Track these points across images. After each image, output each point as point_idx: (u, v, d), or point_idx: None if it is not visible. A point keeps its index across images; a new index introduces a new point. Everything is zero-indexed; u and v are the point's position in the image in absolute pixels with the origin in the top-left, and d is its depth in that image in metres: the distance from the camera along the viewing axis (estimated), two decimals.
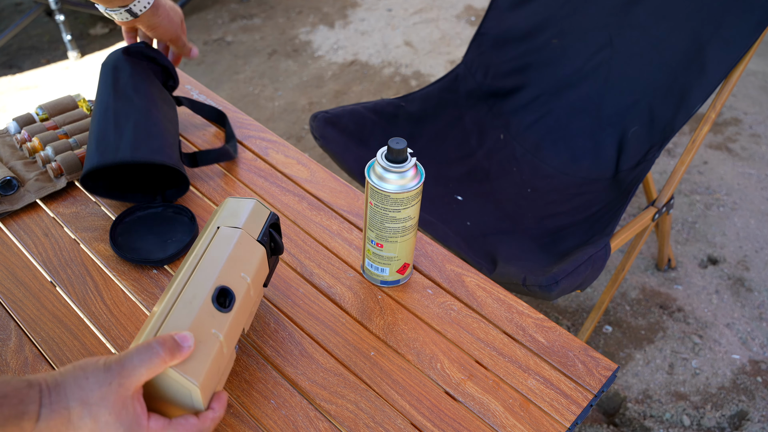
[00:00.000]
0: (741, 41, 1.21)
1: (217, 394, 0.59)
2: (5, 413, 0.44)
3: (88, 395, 0.48)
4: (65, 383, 0.48)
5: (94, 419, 0.48)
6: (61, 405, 0.47)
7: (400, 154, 0.69)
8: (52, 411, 0.47)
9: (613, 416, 1.44)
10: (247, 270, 0.65)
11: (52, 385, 0.48)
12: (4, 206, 0.86)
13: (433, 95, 1.50)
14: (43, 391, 0.47)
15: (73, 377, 0.49)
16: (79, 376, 0.49)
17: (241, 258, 0.65)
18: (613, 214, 1.23)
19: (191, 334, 0.55)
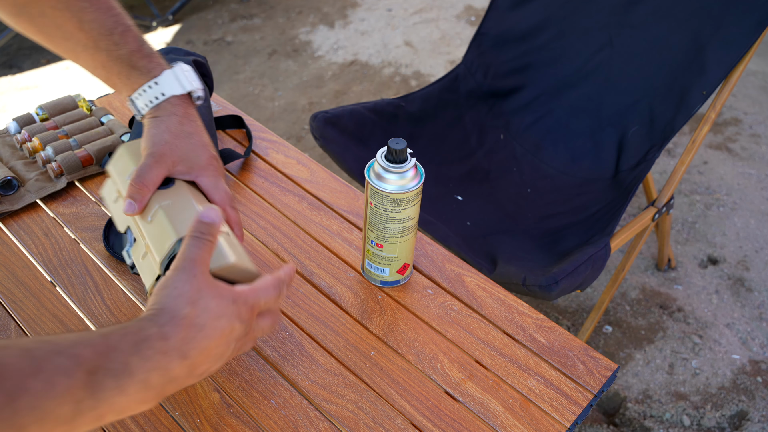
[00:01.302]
0: (741, 41, 1.21)
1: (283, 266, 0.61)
2: (132, 339, 0.46)
3: (190, 296, 0.50)
4: (165, 304, 0.50)
5: (206, 310, 0.50)
6: (177, 318, 0.49)
7: (399, 155, 0.69)
8: (175, 326, 0.48)
9: (613, 416, 1.44)
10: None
11: (157, 312, 0.49)
12: (4, 206, 0.86)
13: (433, 95, 1.50)
14: (153, 318, 0.49)
15: (166, 296, 0.50)
16: (171, 292, 0.51)
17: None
18: (613, 214, 1.23)
19: (213, 209, 0.56)
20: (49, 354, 0.42)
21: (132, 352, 0.46)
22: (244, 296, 0.54)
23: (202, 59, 1.01)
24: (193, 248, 0.53)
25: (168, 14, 2.77)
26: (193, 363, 0.49)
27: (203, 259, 0.53)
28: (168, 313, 0.49)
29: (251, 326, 0.55)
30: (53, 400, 0.41)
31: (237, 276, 0.58)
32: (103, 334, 0.46)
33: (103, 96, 1.12)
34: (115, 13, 0.65)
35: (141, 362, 0.46)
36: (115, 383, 0.44)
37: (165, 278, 0.52)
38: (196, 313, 0.50)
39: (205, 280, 0.52)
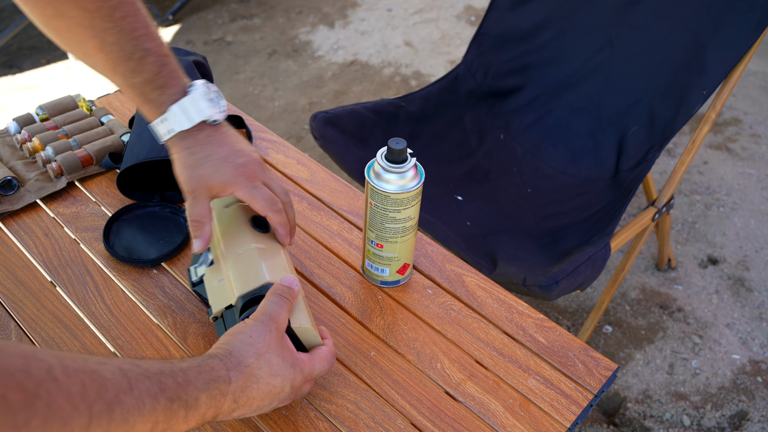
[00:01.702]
0: (741, 41, 1.21)
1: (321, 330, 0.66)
2: (206, 378, 0.52)
3: (258, 348, 0.56)
4: (235, 348, 0.56)
5: (268, 365, 0.57)
6: (242, 365, 0.55)
7: (400, 155, 0.69)
8: (239, 372, 0.55)
9: (613, 416, 1.44)
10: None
11: (226, 354, 0.55)
12: (4, 206, 0.86)
13: (433, 95, 1.50)
14: (224, 359, 0.55)
15: (239, 341, 0.57)
16: (244, 339, 0.57)
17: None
18: (613, 214, 1.23)
19: (294, 278, 0.64)
20: (140, 377, 0.47)
21: (203, 389, 0.51)
22: (302, 364, 0.60)
23: (202, 59, 1.01)
24: (274, 305, 0.60)
25: (168, 14, 2.77)
26: (238, 407, 0.55)
27: (281, 317, 0.60)
28: (236, 358, 0.55)
29: (299, 392, 0.62)
30: (140, 417, 0.45)
31: (304, 338, 0.63)
32: (183, 369, 0.51)
33: (103, 96, 1.12)
34: (137, 35, 0.63)
35: (207, 399, 0.51)
36: (184, 413, 0.49)
37: (243, 325, 0.58)
38: (258, 365, 0.56)
39: (276, 338, 0.58)
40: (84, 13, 0.61)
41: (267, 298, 0.61)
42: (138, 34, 0.63)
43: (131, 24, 0.63)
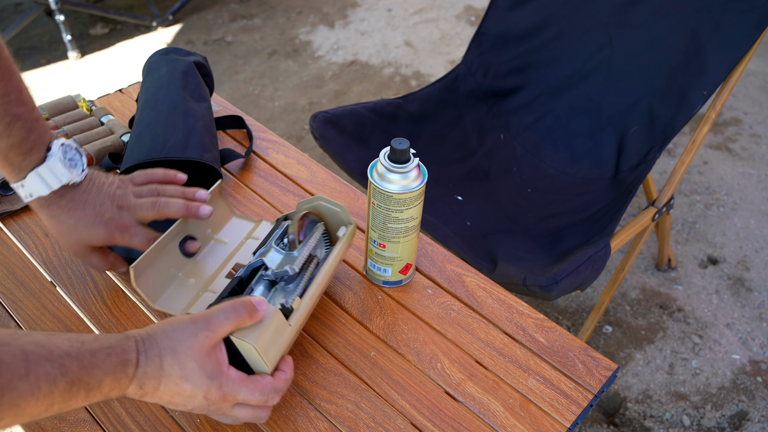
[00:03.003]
0: (741, 41, 1.21)
1: (284, 359, 0.63)
2: (113, 360, 0.51)
3: (177, 345, 0.54)
4: (156, 335, 0.54)
5: (181, 366, 0.54)
6: (154, 353, 0.53)
7: (402, 155, 0.69)
8: (147, 359, 0.53)
9: (613, 416, 1.44)
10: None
11: (146, 337, 0.54)
12: (4, 206, 0.86)
13: (433, 95, 1.50)
14: (139, 342, 0.53)
15: (162, 330, 0.55)
16: (168, 330, 0.55)
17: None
18: (614, 215, 1.23)
19: (265, 300, 0.61)
20: (41, 359, 0.46)
21: (109, 371, 0.50)
22: (223, 380, 0.56)
23: (202, 59, 1.01)
24: (220, 313, 0.57)
25: (168, 14, 2.77)
26: (145, 393, 0.54)
27: (220, 327, 0.57)
28: (152, 345, 0.54)
29: (220, 408, 0.58)
30: (33, 401, 0.45)
31: (247, 356, 0.60)
32: (92, 351, 0.50)
33: (103, 96, 1.12)
34: (8, 100, 0.63)
35: (111, 382, 0.51)
36: (85, 394, 0.49)
37: (180, 318, 0.57)
38: (170, 363, 0.54)
39: (203, 344, 0.55)
40: None
41: (222, 304, 0.58)
42: (9, 99, 0.63)
43: (3, 88, 0.63)
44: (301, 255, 0.70)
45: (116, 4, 2.93)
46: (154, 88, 0.93)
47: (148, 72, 0.97)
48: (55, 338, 0.49)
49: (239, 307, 0.58)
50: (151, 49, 2.61)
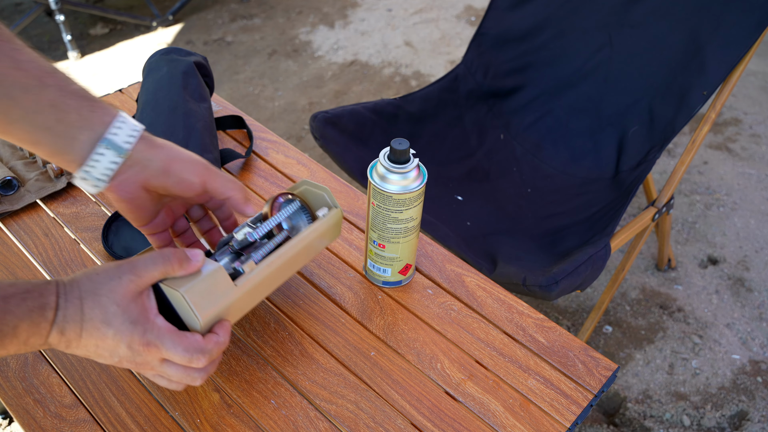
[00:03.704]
0: (741, 41, 1.21)
1: (221, 323, 0.60)
2: (29, 305, 0.49)
3: (98, 287, 0.52)
4: (78, 279, 0.52)
5: (102, 310, 0.52)
6: (74, 296, 0.51)
7: (402, 155, 0.69)
8: (67, 302, 0.51)
9: (613, 416, 1.44)
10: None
11: (68, 281, 0.52)
12: (4, 206, 0.86)
13: (433, 95, 1.50)
14: (59, 286, 0.51)
15: (85, 274, 0.53)
16: (91, 272, 0.53)
17: None
18: (614, 215, 1.23)
19: (202, 253, 0.58)
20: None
21: (24, 317, 0.49)
22: (148, 326, 0.53)
23: (202, 59, 1.01)
24: (147, 260, 0.54)
25: (168, 14, 2.77)
26: (69, 342, 0.51)
27: (147, 272, 0.54)
28: (74, 288, 0.52)
29: (147, 361, 0.55)
30: None
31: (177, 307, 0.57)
32: (5, 297, 0.48)
33: (103, 96, 1.12)
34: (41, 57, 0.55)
35: (29, 328, 0.49)
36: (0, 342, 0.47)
37: (107, 264, 0.54)
38: (90, 305, 0.51)
39: (127, 289, 0.53)
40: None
41: (152, 254, 0.55)
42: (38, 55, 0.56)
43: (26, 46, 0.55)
44: (266, 224, 0.68)
45: (116, 4, 2.93)
46: (154, 88, 0.93)
47: (148, 72, 0.97)
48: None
49: (168, 255, 0.55)
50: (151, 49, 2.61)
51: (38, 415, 0.65)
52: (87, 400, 0.67)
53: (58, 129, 0.54)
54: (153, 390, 0.68)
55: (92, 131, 0.55)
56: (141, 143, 0.57)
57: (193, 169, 0.60)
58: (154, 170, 0.58)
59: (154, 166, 0.58)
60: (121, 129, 0.56)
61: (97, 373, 0.69)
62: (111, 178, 0.57)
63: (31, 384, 0.68)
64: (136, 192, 0.59)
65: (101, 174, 0.56)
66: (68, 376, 0.69)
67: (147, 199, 0.61)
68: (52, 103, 0.54)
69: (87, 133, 0.55)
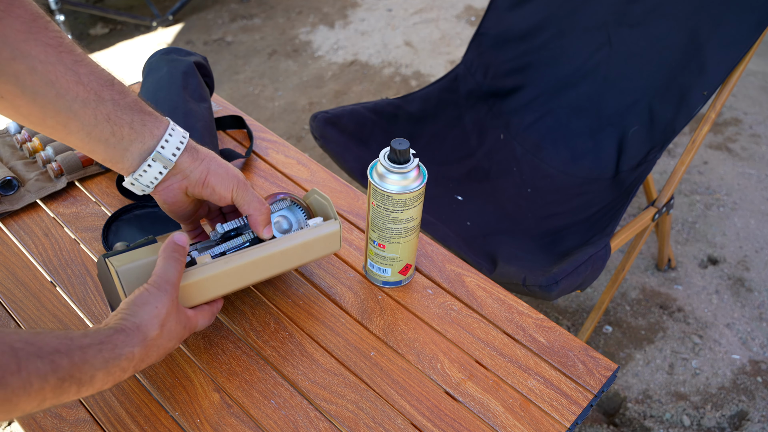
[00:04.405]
0: (741, 41, 1.21)
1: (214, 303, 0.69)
2: (106, 356, 0.52)
3: (162, 319, 0.58)
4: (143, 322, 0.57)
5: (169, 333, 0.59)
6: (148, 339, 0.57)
7: (402, 155, 0.69)
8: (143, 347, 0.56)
9: (613, 416, 1.44)
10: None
11: (135, 328, 0.56)
12: (4, 206, 0.86)
13: (433, 95, 1.50)
14: (130, 334, 0.55)
15: (147, 314, 0.57)
16: (150, 310, 0.58)
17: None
18: (614, 215, 1.23)
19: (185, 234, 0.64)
20: (32, 356, 0.47)
21: (101, 366, 0.52)
22: (190, 323, 0.63)
23: (202, 59, 1.01)
24: (170, 269, 0.60)
25: (168, 14, 2.77)
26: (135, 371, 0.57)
27: (177, 280, 0.61)
28: (142, 332, 0.56)
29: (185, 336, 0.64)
30: (25, 396, 0.46)
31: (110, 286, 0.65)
32: (83, 347, 0.51)
33: None
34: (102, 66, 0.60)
35: (104, 376, 0.53)
36: (77, 389, 0.50)
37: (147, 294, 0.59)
38: (161, 335, 0.58)
39: (175, 304, 0.60)
40: (49, 50, 0.56)
41: (162, 261, 0.61)
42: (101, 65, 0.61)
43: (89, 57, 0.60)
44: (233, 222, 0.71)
45: (116, 4, 2.93)
46: (155, 88, 0.93)
47: (148, 72, 0.97)
48: (43, 336, 0.49)
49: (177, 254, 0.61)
50: (151, 49, 2.61)
51: (38, 415, 0.65)
52: (87, 400, 0.67)
53: (112, 141, 0.61)
54: (153, 390, 0.68)
55: (143, 144, 0.62)
56: (185, 155, 0.64)
57: (227, 184, 0.66)
58: (194, 181, 0.65)
59: (194, 177, 0.65)
60: (168, 143, 0.63)
61: None
62: (156, 186, 0.65)
63: None
64: (178, 196, 0.67)
65: (149, 182, 0.64)
66: None
67: (188, 202, 0.68)
68: (107, 118, 0.59)
69: (138, 146, 0.62)
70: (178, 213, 0.70)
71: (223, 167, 0.67)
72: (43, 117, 0.58)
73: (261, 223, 0.68)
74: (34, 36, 0.55)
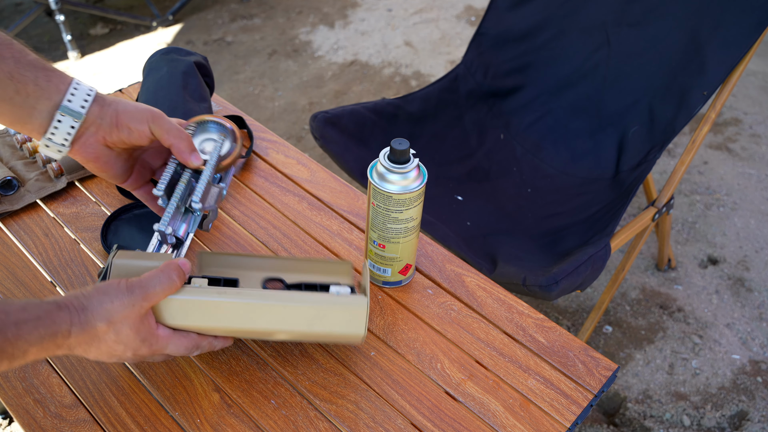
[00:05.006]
0: (741, 41, 1.21)
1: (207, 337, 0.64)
2: (41, 332, 0.51)
3: (113, 315, 0.55)
4: (91, 307, 0.55)
5: (116, 333, 0.56)
6: (89, 325, 0.54)
7: (402, 155, 0.69)
8: (81, 330, 0.54)
9: (613, 416, 1.44)
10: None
11: (80, 308, 0.54)
12: (4, 206, 0.86)
13: (433, 95, 1.50)
14: (72, 313, 0.54)
15: (98, 301, 0.55)
16: (104, 301, 0.55)
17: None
18: (614, 215, 1.23)
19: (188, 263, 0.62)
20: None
21: (35, 342, 0.51)
22: (153, 341, 0.59)
23: (202, 59, 1.01)
24: (155, 281, 0.58)
25: (168, 14, 2.77)
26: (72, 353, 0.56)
27: (157, 297, 0.58)
28: (86, 317, 0.54)
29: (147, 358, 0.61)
30: None
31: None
32: (18, 323, 0.50)
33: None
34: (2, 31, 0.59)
35: (38, 351, 0.52)
36: (8, 364, 0.50)
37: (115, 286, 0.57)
38: (105, 330, 0.55)
39: (138, 314, 0.57)
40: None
41: (157, 273, 0.59)
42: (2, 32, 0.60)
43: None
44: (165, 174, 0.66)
45: (116, 4, 2.93)
46: (154, 88, 0.93)
47: (148, 72, 0.97)
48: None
49: (173, 275, 0.59)
50: (151, 49, 2.61)
51: (38, 415, 0.65)
52: (87, 400, 0.67)
53: (18, 100, 0.57)
54: (153, 390, 0.68)
55: (49, 100, 0.59)
56: (94, 105, 0.61)
57: (140, 116, 0.62)
58: (107, 126, 0.62)
59: (106, 122, 0.62)
60: (74, 95, 0.60)
61: (97, 373, 0.69)
62: (72, 143, 0.61)
63: (31, 384, 0.68)
64: (99, 150, 0.63)
65: (62, 140, 0.60)
66: (68, 376, 0.69)
67: (113, 156, 0.65)
68: (9, 76, 0.57)
69: (45, 102, 0.59)
70: (108, 172, 0.65)
71: (132, 104, 0.63)
72: None
73: (184, 150, 0.64)
74: None
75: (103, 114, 0.62)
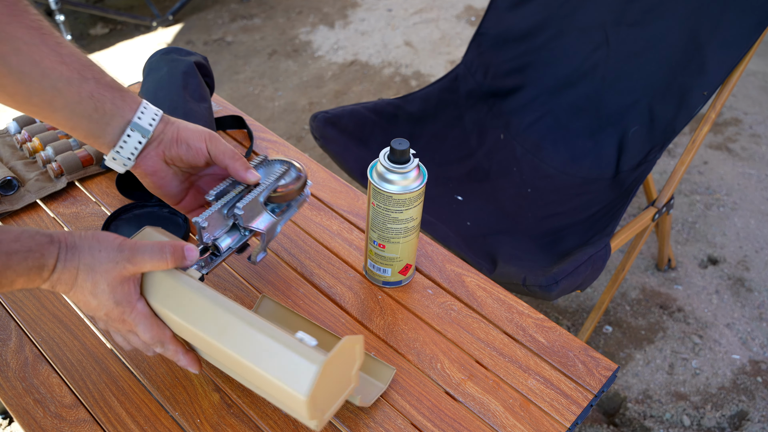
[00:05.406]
0: (741, 41, 1.21)
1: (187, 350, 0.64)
2: (29, 264, 0.54)
3: (96, 264, 0.57)
4: (81, 247, 0.57)
5: (93, 284, 0.57)
6: (72, 264, 0.56)
7: (402, 155, 0.69)
8: (64, 267, 0.56)
9: (613, 416, 1.44)
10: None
11: (70, 246, 0.56)
12: (5, 206, 0.86)
13: (433, 95, 1.50)
14: (61, 249, 0.56)
15: (88, 245, 0.57)
16: (94, 246, 0.57)
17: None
18: (614, 215, 1.23)
19: (197, 250, 0.62)
20: None
21: (23, 273, 0.53)
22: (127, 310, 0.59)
23: (202, 59, 1.01)
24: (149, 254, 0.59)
25: (168, 14, 2.77)
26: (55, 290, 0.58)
27: (145, 266, 0.58)
28: (75, 257, 0.56)
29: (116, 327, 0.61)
30: None
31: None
32: (8, 254, 0.52)
33: None
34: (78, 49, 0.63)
35: (25, 282, 0.54)
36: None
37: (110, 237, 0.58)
38: (84, 278, 0.57)
39: (120, 274, 0.58)
40: (32, 32, 0.59)
41: (154, 243, 0.59)
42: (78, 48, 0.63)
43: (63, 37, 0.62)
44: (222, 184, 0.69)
45: (116, 4, 2.93)
46: (155, 88, 0.93)
47: (148, 72, 0.97)
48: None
49: (166, 250, 0.59)
50: (151, 49, 2.61)
51: (38, 415, 0.65)
52: (87, 400, 0.67)
53: (95, 117, 0.63)
54: (153, 390, 0.68)
55: (122, 118, 0.64)
56: (160, 123, 0.66)
57: (198, 135, 0.67)
58: (168, 141, 0.66)
59: (167, 138, 0.66)
60: (144, 114, 0.65)
61: (97, 373, 0.69)
62: (137, 157, 0.66)
63: (31, 384, 0.68)
64: (158, 165, 0.67)
65: (129, 153, 0.65)
66: (68, 376, 0.69)
67: (170, 174, 0.68)
68: (90, 95, 0.62)
69: (118, 120, 0.64)
70: (164, 188, 0.69)
71: (192, 125, 0.68)
72: (28, 96, 0.60)
73: (240, 168, 0.67)
74: (17, 19, 0.58)
75: (166, 131, 0.67)
